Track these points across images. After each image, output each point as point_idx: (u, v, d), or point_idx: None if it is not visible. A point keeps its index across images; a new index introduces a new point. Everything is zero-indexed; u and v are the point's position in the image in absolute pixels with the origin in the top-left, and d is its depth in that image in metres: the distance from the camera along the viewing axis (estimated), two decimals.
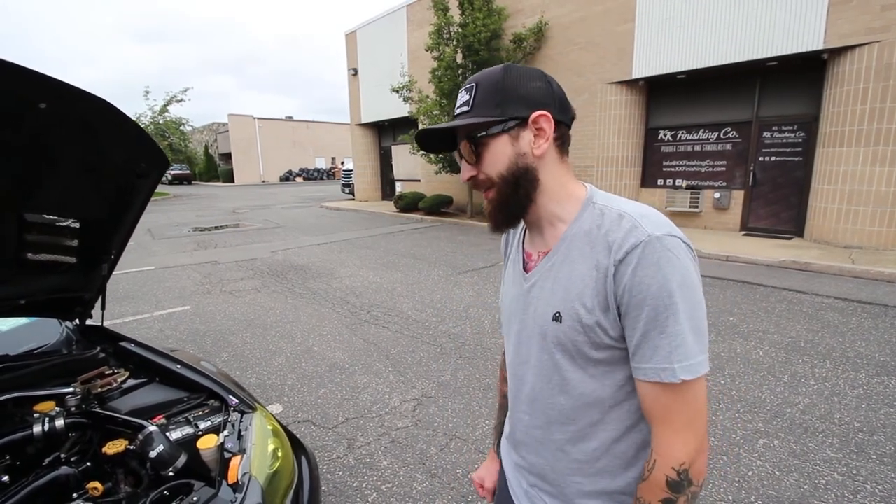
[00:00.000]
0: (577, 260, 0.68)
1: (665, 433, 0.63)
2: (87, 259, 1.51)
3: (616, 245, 0.63)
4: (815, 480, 2.10)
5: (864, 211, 6.60)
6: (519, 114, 0.68)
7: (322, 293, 5.31)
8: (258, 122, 38.32)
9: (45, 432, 1.22)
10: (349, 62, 16.43)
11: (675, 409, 0.62)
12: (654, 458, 0.64)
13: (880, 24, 6.17)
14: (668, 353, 0.60)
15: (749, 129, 8.12)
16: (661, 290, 0.59)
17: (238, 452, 1.25)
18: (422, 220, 11.73)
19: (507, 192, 0.70)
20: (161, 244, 8.93)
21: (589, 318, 0.65)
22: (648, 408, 0.65)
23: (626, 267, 0.61)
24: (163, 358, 1.62)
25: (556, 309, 0.69)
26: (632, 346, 0.64)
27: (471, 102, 0.70)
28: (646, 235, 0.61)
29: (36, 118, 0.98)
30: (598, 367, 0.68)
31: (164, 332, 4.15)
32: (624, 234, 0.63)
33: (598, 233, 0.66)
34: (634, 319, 0.62)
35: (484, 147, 0.70)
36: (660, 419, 0.63)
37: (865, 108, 6.40)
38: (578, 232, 0.69)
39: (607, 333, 0.65)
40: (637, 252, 0.60)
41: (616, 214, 0.66)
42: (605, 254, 0.64)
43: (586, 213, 0.70)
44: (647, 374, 0.62)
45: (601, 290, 0.64)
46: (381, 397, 2.92)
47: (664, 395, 0.62)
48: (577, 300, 0.66)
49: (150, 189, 1.38)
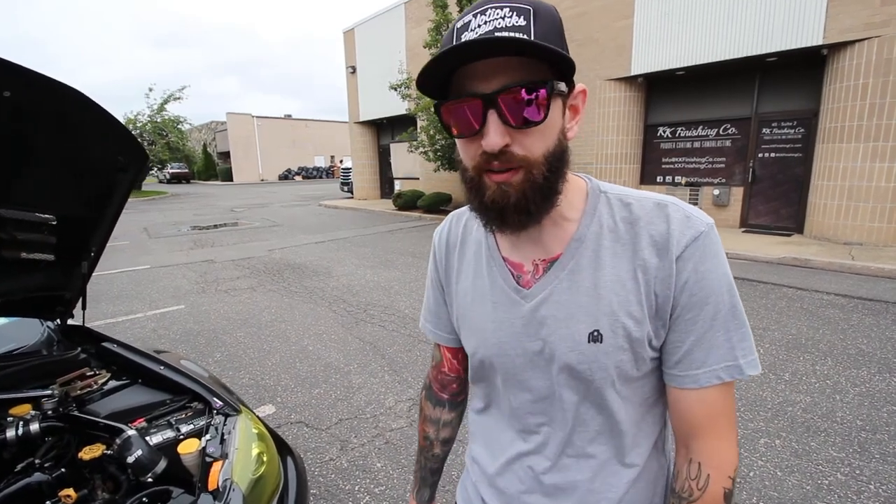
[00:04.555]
0: (609, 263, 0.57)
1: (712, 441, 0.56)
2: (66, 256, 1.46)
3: (671, 239, 0.54)
4: (818, 481, 2.05)
5: (864, 207, 6.55)
6: (572, 78, 0.52)
7: (318, 292, 5.26)
8: (257, 121, 38.24)
9: (18, 437, 1.17)
10: (347, 60, 16.35)
11: (722, 412, 0.56)
12: (705, 473, 0.56)
13: (880, 19, 6.12)
14: (729, 350, 0.54)
15: (748, 125, 8.07)
16: (722, 284, 0.54)
17: (220, 457, 1.20)
18: (420, 218, 11.68)
19: (549, 178, 0.52)
20: (157, 243, 8.88)
21: (638, 330, 0.55)
22: (692, 417, 0.57)
23: (686, 262, 0.53)
24: (146, 359, 1.57)
25: (593, 327, 0.56)
26: (679, 351, 0.56)
27: (532, 31, 0.47)
28: (704, 225, 0.54)
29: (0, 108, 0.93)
30: (632, 387, 0.60)
31: (157, 332, 4.09)
32: (678, 225, 0.54)
33: (630, 228, 0.57)
34: (690, 321, 0.54)
35: (539, 110, 0.49)
36: (705, 428, 0.56)
37: (865, 104, 6.35)
38: (598, 229, 0.58)
39: (651, 345, 0.57)
40: (698, 244, 0.53)
41: (652, 204, 0.57)
42: (651, 250, 0.55)
43: (600, 206, 0.59)
44: (700, 381, 0.55)
45: (650, 295, 0.55)
46: (375, 398, 2.87)
47: (715, 399, 0.55)
48: (621, 311, 0.55)
49: (129, 184, 1.33)
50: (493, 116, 0.49)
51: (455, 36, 0.50)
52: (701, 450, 0.57)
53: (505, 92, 0.48)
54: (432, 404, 0.86)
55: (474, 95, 0.49)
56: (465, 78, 0.50)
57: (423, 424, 0.88)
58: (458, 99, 0.51)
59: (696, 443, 0.57)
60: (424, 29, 11.02)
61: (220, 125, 40.34)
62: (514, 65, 0.48)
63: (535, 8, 0.48)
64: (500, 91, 0.48)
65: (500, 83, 0.48)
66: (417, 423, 0.92)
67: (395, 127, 15.30)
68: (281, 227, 10.95)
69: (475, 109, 0.49)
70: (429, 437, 0.87)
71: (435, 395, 0.86)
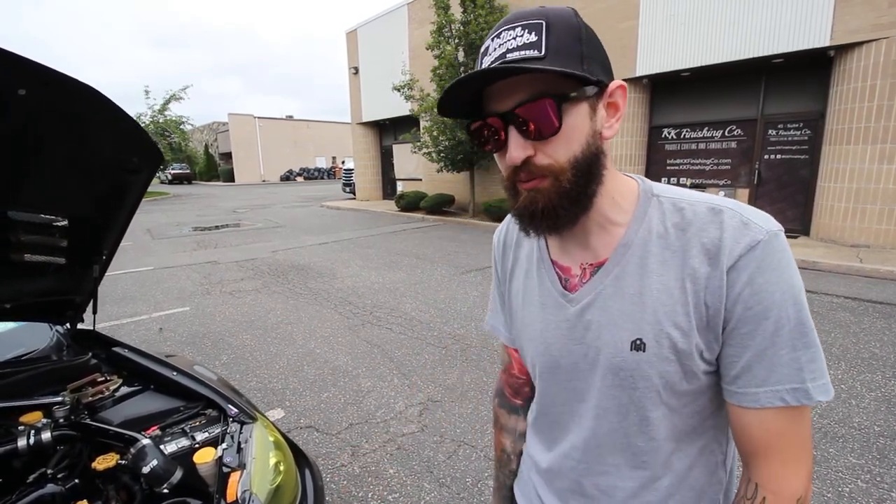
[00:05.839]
0: (656, 270, 0.55)
1: (775, 465, 0.53)
2: (77, 260, 1.43)
3: (723, 247, 0.51)
4: (839, 488, 2.01)
5: (872, 209, 6.51)
6: (601, 78, 0.52)
7: (323, 293, 5.23)
8: (258, 122, 38.25)
9: (30, 446, 1.14)
10: (350, 61, 16.34)
11: (790, 436, 0.52)
12: (761, 496, 0.54)
13: (888, 21, 6.08)
14: (796, 371, 0.50)
15: (754, 126, 8.02)
16: (786, 298, 0.49)
17: (237, 467, 1.17)
18: (423, 219, 11.64)
19: (577, 184, 0.52)
20: (160, 244, 8.85)
21: (685, 342, 0.53)
22: (751, 438, 0.54)
23: (740, 273, 0.50)
24: (158, 364, 1.53)
25: (636, 335, 0.55)
26: (736, 367, 0.52)
27: (542, 45, 0.48)
28: (764, 233, 0.50)
29: (14, 107, 0.89)
30: (681, 399, 0.57)
31: (163, 335, 4.06)
32: (732, 232, 0.51)
33: (681, 235, 0.54)
34: (747, 336, 0.51)
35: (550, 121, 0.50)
36: (769, 450, 0.53)
37: (873, 105, 6.31)
38: (647, 235, 0.56)
39: (703, 357, 0.54)
40: (755, 254, 0.50)
41: (705, 208, 0.54)
42: (701, 259, 0.52)
43: (651, 210, 0.57)
44: (760, 400, 0.51)
45: (699, 305, 0.52)
46: (385, 402, 2.83)
47: (780, 421, 0.52)
48: (666, 321, 0.53)
49: (143, 185, 1.29)
50: (512, 132, 0.52)
51: (479, 60, 0.54)
52: (760, 472, 0.54)
53: (518, 108, 0.51)
54: (507, 411, 0.84)
55: (494, 114, 0.53)
56: (488, 98, 0.54)
57: (499, 435, 0.86)
58: (480, 119, 0.55)
59: (756, 462, 0.54)
60: (427, 30, 10.99)
61: (222, 126, 40.35)
62: (527, 81, 0.50)
63: (547, 20, 0.49)
64: (514, 108, 0.51)
65: (515, 101, 0.51)
66: (493, 433, 0.89)
67: (398, 128, 15.27)
68: (284, 228, 10.92)
69: (497, 127, 0.53)
70: (506, 449, 0.85)
71: (509, 402, 0.84)
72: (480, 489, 2.05)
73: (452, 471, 2.18)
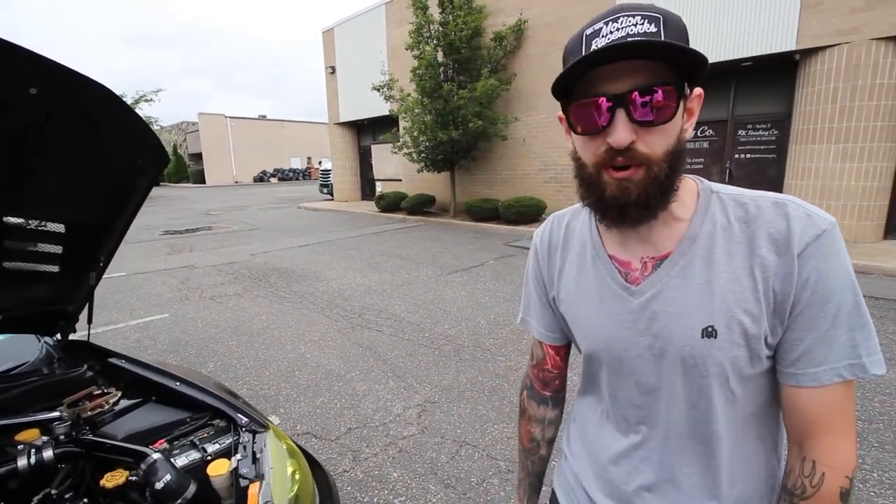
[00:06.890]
0: (723, 260, 0.58)
1: (830, 440, 0.57)
2: (72, 267, 1.35)
3: (791, 237, 0.55)
4: None
5: (836, 205, 6.84)
6: (693, 82, 0.56)
7: (309, 297, 5.13)
8: (230, 122, 37.27)
9: (31, 466, 1.07)
10: (326, 60, 16.09)
11: (842, 411, 0.56)
12: (819, 472, 0.57)
13: (849, 27, 6.41)
14: (852, 348, 0.54)
15: (725, 127, 8.32)
16: (846, 282, 0.54)
17: (255, 478, 1.13)
18: (404, 219, 11.58)
19: (668, 175, 0.56)
20: (132, 248, 8.50)
21: (755, 327, 0.56)
22: (809, 416, 0.57)
23: (807, 261, 0.54)
24: (158, 374, 1.47)
25: (707, 322, 0.58)
26: (798, 349, 0.56)
27: (662, 36, 0.51)
28: (827, 223, 0.55)
29: (24, 105, 0.84)
30: (745, 385, 0.60)
31: (143, 343, 3.91)
32: (799, 223, 0.55)
33: (745, 227, 0.58)
34: (811, 319, 0.55)
35: (666, 109, 0.53)
36: (824, 426, 0.57)
37: (836, 107, 6.64)
38: (711, 228, 0.60)
39: (766, 342, 0.57)
40: (821, 242, 0.54)
41: (770, 202, 0.58)
42: (769, 248, 0.56)
43: (713, 205, 0.61)
44: (819, 378, 0.55)
45: (768, 292, 0.56)
46: (382, 405, 2.80)
47: (834, 397, 0.56)
48: (737, 308, 0.56)
49: (147, 187, 1.24)
50: (620, 114, 0.53)
51: (584, 43, 0.54)
52: (816, 448, 0.57)
53: (636, 92, 0.52)
54: (536, 403, 0.87)
55: (604, 95, 0.53)
56: (594, 80, 0.54)
57: (527, 426, 0.88)
58: (586, 98, 0.55)
59: (812, 441, 0.57)
60: (405, 30, 10.93)
61: (192, 126, 39.11)
62: (640, 67, 0.52)
63: (664, 17, 0.52)
64: (630, 91, 0.52)
65: (629, 84, 0.52)
66: (519, 426, 0.91)
67: (377, 128, 15.13)
68: (261, 230, 10.66)
69: (604, 108, 0.54)
70: (535, 437, 0.88)
71: (538, 394, 0.87)
72: (486, 489, 2.05)
73: (456, 471, 2.17)
